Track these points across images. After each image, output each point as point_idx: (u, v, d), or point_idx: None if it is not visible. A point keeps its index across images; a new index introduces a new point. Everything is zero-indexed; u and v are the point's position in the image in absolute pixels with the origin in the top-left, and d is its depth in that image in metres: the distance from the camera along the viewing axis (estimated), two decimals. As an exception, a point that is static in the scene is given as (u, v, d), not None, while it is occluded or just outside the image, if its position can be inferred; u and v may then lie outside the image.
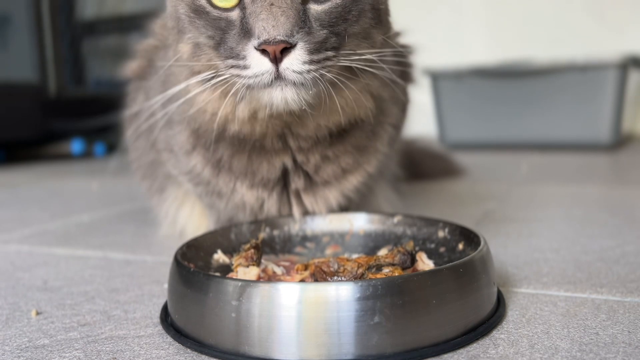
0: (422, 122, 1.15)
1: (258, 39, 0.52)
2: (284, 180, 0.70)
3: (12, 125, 2.08)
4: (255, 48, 0.53)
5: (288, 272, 0.60)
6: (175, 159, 0.75)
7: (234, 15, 0.56)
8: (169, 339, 0.51)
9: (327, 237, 0.70)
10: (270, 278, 0.58)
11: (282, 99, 0.56)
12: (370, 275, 0.53)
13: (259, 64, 0.53)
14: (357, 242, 0.69)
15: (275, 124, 0.64)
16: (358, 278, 0.53)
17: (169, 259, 0.57)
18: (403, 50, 0.73)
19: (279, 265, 0.60)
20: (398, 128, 0.78)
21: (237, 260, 0.57)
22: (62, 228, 1.01)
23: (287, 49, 0.53)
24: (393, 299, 0.44)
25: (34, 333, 0.53)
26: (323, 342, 0.43)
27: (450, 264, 0.48)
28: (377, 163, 0.72)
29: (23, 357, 0.48)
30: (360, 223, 0.70)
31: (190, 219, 0.86)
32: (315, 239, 0.70)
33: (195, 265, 0.59)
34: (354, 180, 0.71)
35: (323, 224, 0.71)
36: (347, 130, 0.67)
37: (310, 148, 0.67)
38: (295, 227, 0.71)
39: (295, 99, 0.56)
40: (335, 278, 0.53)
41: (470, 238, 0.60)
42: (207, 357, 0.47)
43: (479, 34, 2.57)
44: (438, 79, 2.16)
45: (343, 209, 0.73)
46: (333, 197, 0.70)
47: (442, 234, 0.65)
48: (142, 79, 0.85)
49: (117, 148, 0.98)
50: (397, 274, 0.52)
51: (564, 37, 2.37)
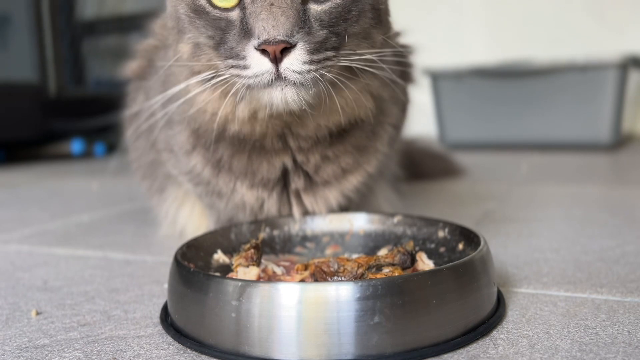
0: (422, 122, 1.15)
1: (258, 39, 0.52)
2: (284, 180, 0.70)
3: (12, 125, 2.08)
4: (255, 48, 0.53)
5: (288, 272, 0.60)
6: (175, 159, 0.75)
7: (234, 15, 0.56)
8: (169, 339, 0.51)
9: (327, 237, 0.70)
10: (270, 278, 0.58)
11: (282, 99, 0.56)
12: (370, 275, 0.53)
13: (259, 64, 0.53)
14: (357, 242, 0.69)
15: (275, 124, 0.64)
16: (358, 278, 0.53)
17: (169, 259, 0.57)
18: (403, 50, 0.73)
19: (279, 265, 0.60)
20: (398, 128, 0.78)
21: (237, 260, 0.57)
22: (62, 228, 1.01)
23: (287, 49, 0.53)
24: (393, 299, 0.44)
25: (34, 333, 0.53)
26: (323, 342, 0.43)
27: (450, 264, 0.48)
28: (377, 163, 0.72)
29: (23, 357, 0.48)
30: (360, 223, 0.71)
31: (190, 219, 0.86)
32: (315, 239, 0.70)
33: (195, 265, 0.59)
34: (354, 180, 0.71)
35: (323, 224, 0.71)
36: (347, 130, 0.67)
37: (311, 148, 0.67)
38: (295, 227, 0.71)
39: (295, 99, 0.56)
40: (335, 278, 0.53)
41: (470, 238, 0.60)
42: (207, 357, 0.47)
43: (479, 34, 2.57)
44: (438, 79, 2.16)
45: (343, 209, 0.73)
46: (333, 197, 0.70)
47: (442, 234, 0.65)
48: (142, 79, 0.85)
49: (117, 148, 0.98)
50: (397, 274, 0.52)
51: (564, 37, 2.37)
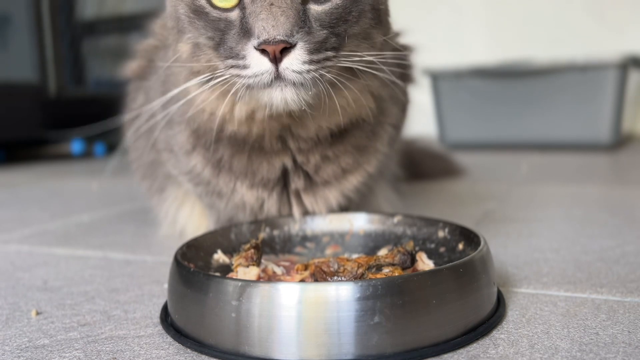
0: (422, 122, 1.15)
1: (258, 39, 0.52)
2: (284, 180, 0.70)
3: (12, 125, 2.08)
4: (255, 48, 0.53)
5: (288, 272, 0.60)
6: (176, 159, 0.75)
7: (234, 16, 0.56)
8: (169, 339, 0.51)
9: (327, 237, 0.70)
10: (270, 278, 0.58)
11: (281, 99, 0.56)
12: (370, 275, 0.53)
13: (259, 64, 0.53)
14: (357, 242, 0.69)
15: (273, 126, 0.64)
16: (358, 278, 0.53)
17: (169, 259, 0.57)
18: (403, 51, 0.73)
19: (279, 265, 0.60)
20: (398, 128, 0.78)
21: (237, 260, 0.57)
22: (62, 228, 1.01)
23: (286, 49, 0.53)
24: (393, 299, 0.44)
25: (34, 333, 0.53)
26: (323, 342, 0.43)
27: (450, 264, 0.48)
28: (377, 163, 0.72)
29: (23, 357, 0.48)
30: (360, 223, 0.70)
31: (190, 219, 0.86)
32: (315, 239, 0.70)
33: (195, 265, 0.59)
34: (354, 180, 0.71)
35: (323, 224, 0.71)
36: (347, 130, 0.67)
37: (311, 148, 0.67)
38: (295, 227, 0.71)
39: (295, 99, 0.56)
40: (335, 278, 0.53)
41: (470, 238, 0.60)
42: (207, 357, 0.47)
43: (479, 34, 2.57)
44: (438, 79, 2.16)
45: (343, 209, 0.73)
46: (333, 197, 0.70)
47: (442, 234, 0.65)
48: (142, 79, 0.85)
49: (117, 148, 0.97)
50: (397, 274, 0.52)
51: (564, 37, 2.37)
